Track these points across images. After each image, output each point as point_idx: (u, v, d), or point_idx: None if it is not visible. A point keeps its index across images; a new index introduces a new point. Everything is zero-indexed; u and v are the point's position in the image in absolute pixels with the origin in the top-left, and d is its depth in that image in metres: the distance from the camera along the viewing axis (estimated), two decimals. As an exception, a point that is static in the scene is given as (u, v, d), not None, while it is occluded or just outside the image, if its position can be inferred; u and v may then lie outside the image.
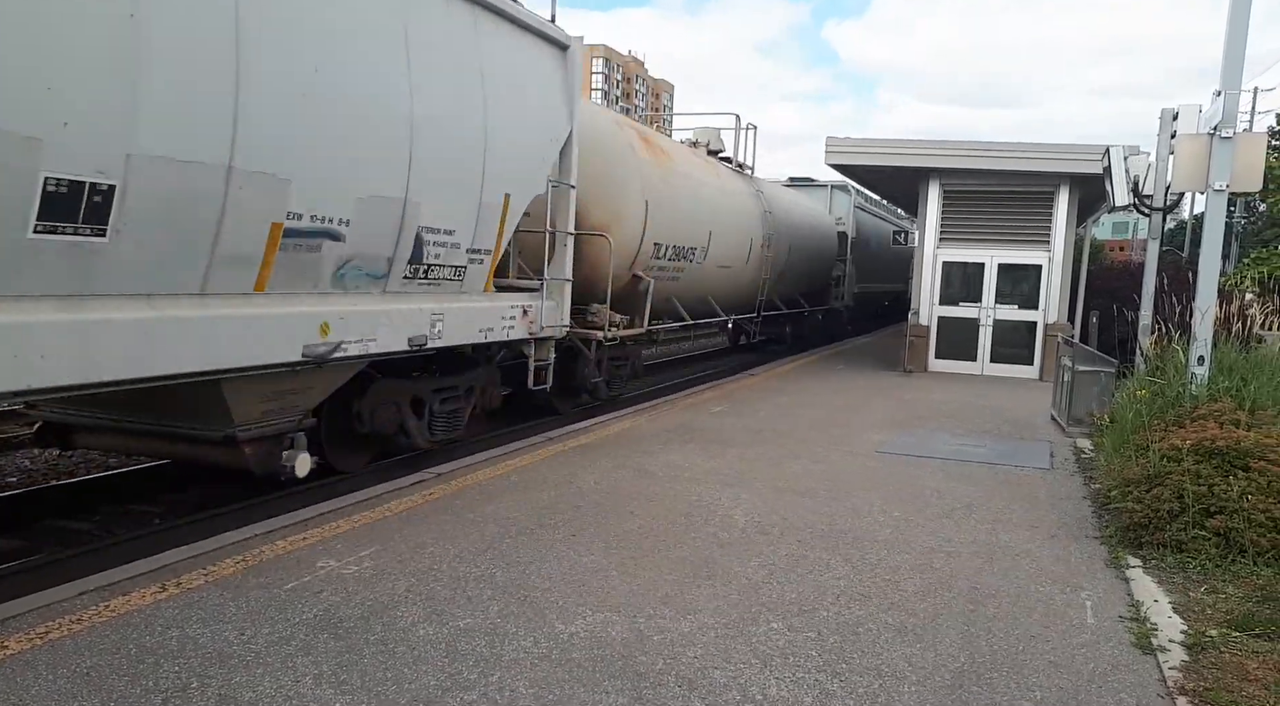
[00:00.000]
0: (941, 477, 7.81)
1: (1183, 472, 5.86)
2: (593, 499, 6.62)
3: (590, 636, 4.19)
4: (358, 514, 6.00)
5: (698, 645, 4.14)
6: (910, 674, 3.95)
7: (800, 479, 7.53)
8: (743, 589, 4.89)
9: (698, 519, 6.20)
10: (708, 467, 7.80)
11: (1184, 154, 8.15)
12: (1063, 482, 7.84)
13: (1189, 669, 4.08)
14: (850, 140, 16.15)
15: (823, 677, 3.88)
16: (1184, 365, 8.25)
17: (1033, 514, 6.72)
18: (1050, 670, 4.04)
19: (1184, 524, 5.65)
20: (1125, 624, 4.60)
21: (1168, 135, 10.91)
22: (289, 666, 3.78)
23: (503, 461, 7.75)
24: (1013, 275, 15.84)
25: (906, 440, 9.52)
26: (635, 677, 3.80)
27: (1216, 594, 5.04)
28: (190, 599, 4.44)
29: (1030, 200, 15.67)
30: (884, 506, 6.74)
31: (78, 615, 4.19)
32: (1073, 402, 10.59)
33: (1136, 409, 7.92)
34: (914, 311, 16.32)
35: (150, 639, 3.98)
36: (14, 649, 3.83)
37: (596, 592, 4.75)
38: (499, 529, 5.78)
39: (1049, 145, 15.11)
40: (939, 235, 16.12)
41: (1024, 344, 15.81)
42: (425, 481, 6.95)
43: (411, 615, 4.36)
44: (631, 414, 10.59)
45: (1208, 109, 8.69)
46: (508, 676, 3.77)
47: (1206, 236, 8.13)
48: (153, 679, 3.63)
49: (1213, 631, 4.48)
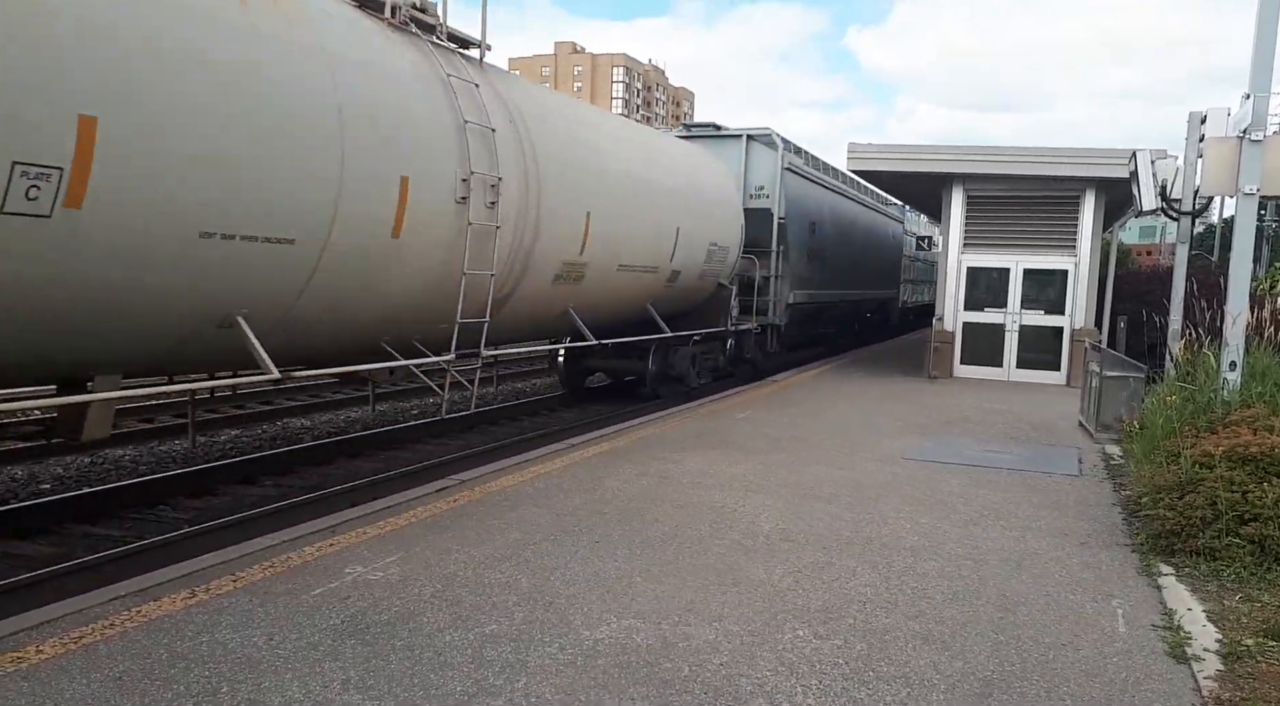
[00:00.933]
0: (968, 484, 7.74)
1: (1216, 479, 5.78)
2: (616, 505, 6.62)
3: (615, 643, 4.19)
4: (383, 520, 6.04)
5: (723, 652, 4.13)
6: (939, 682, 3.91)
7: (825, 485, 7.49)
8: (768, 596, 4.87)
9: (722, 525, 6.18)
10: (731, 473, 7.78)
11: (1213, 157, 8.06)
12: (1092, 489, 7.75)
13: (1224, 678, 4.01)
14: (873, 146, 16.08)
15: (850, 686, 3.86)
16: (1215, 370, 8.14)
17: (1062, 521, 6.64)
18: (1082, 679, 3.99)
19: (1217, 531, 5.56)
20: (1158, 632, 4.53)
21: (1196, 138, 10.78)
22: (317, 671, 3.81)
23: (526, 468, 7.77)
24: (1038, 280, 15.70)
25: (932, 446, 9.45)
26: (661, 685, 3.79)
27: (1252, 602, 4.96)
28: (220, 604, 4.49)
29: (1055, 205, 15.54)
30: (910, 513, 6.69)
31: (110, 620, 4.25)
32: (1101, 408, 10.46)
33: (1167, 414, 7.82)
34: (939, 317, 16.21)
35: (181, 644, 4.02)
36: (49, 653, 3.89)
37: (621, 599, 4.74)
38: (523, 535, 5.79)
39: (1074, 150, 14.99)
40: (963, 240, 16.01)
41: (1050, 349, 15.65)
42: (449, 488, 6.98)
43: (437, 621, 4.37)
44: (654, 420, 10.59)
45: (1236, 112, 8.58)
46: (534, 682, 3.77)
47: (1237, 240, 8.02)
48: (183, 683, 3.66)
49: (1248, 640, 4.41)
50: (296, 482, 9.03)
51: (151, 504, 7.95)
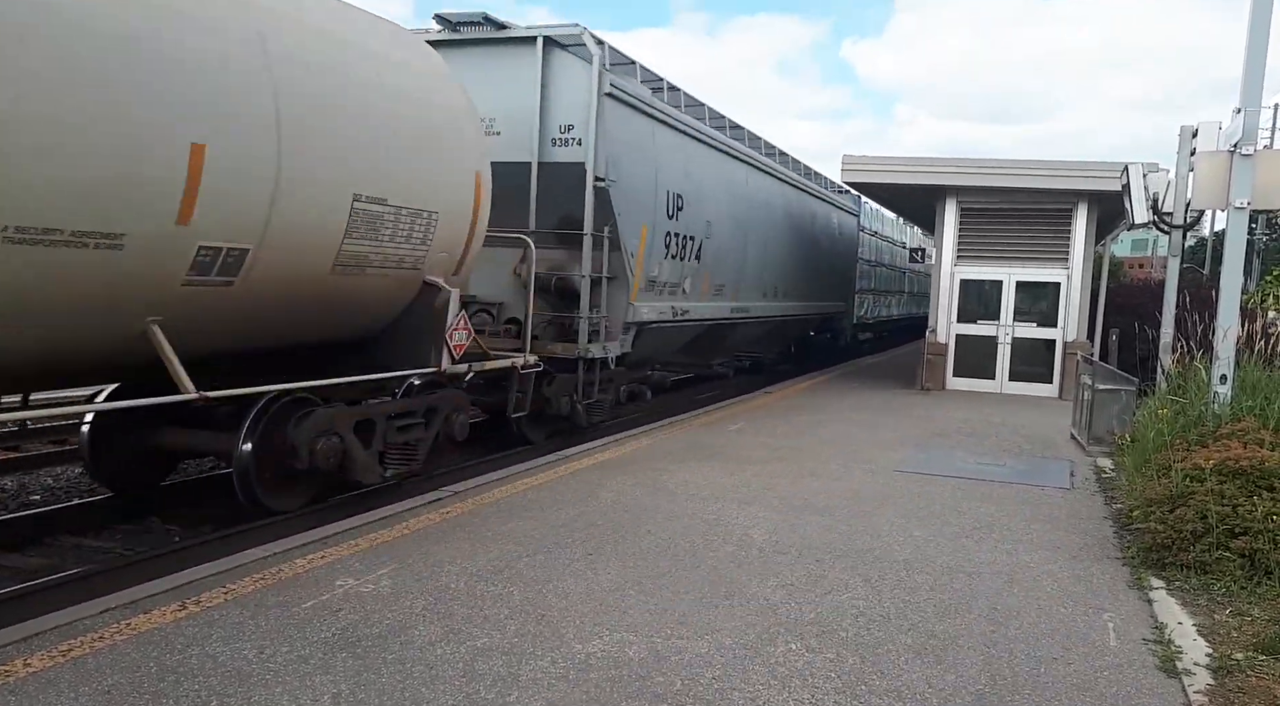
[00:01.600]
0: (961, 496, 7.75)
1: (1206, 493, 5.80)
2: (610, 517, 6.61)
3: (608, 656, 4.18)
4: (375, 532, 6.02)
5: (716, 665, 4.12)
6: (931, 696, 3.91)
7: (818, 497, 7.49)
8: (761, 609, 4.87)
9: (715, 537, 6.18)
10: (725, 485, 7.78)
11: (1204, 171, 8.11)
12: (1084, 502, 7.77)
13: (1214, 692, 4.02)
14: (867, 158, 16.16)
15: (842, 699, 3.85)
16: (1206, 384, 8.17)
17: (1053, 534, 6.66)
18: (1073, 693, 3.99)
19: (1208, 545, 5.58)
20: (1149, 646, 4.54)
21: (1187, 152, 10.84)
22: (307, 685, 3.79)
23: (519, 479, 7.76)
24: (1031, 293, 15.77)
25: (925, 458, 9.46)
26: (653, 699, 3.78)
27: (1242, 616, 4.97)
28: (210, 617, 4.47)
29: (1048, 217, 15.62)
30: (903, 525, 6.70)
31: (100, 632, 4.22)
32: (1093, 421, 10.50)
33: (1158, 428, 7.84)
34: (932, 329, 16.27)
35: (171, 657, 4.00)
36: (37, 666, 3.86)
37: (614, 612, 4.73)
38: (516, 547, 5.78)
39: (1067, 162, 15.08)
40: (956, 252, 16.09)
41: (1043, 362, 15.71)
42: (442, 500, 6.97)
43: (429, 634, 4.36)
44: (648, 431, 10.58)
45: (1228, 126, 8.63)
46: (525, 696, 3.76)
47: (1228, 254, 8.07)
48: (173, 697, 3.64)
49: (1238, 654, 4.42)
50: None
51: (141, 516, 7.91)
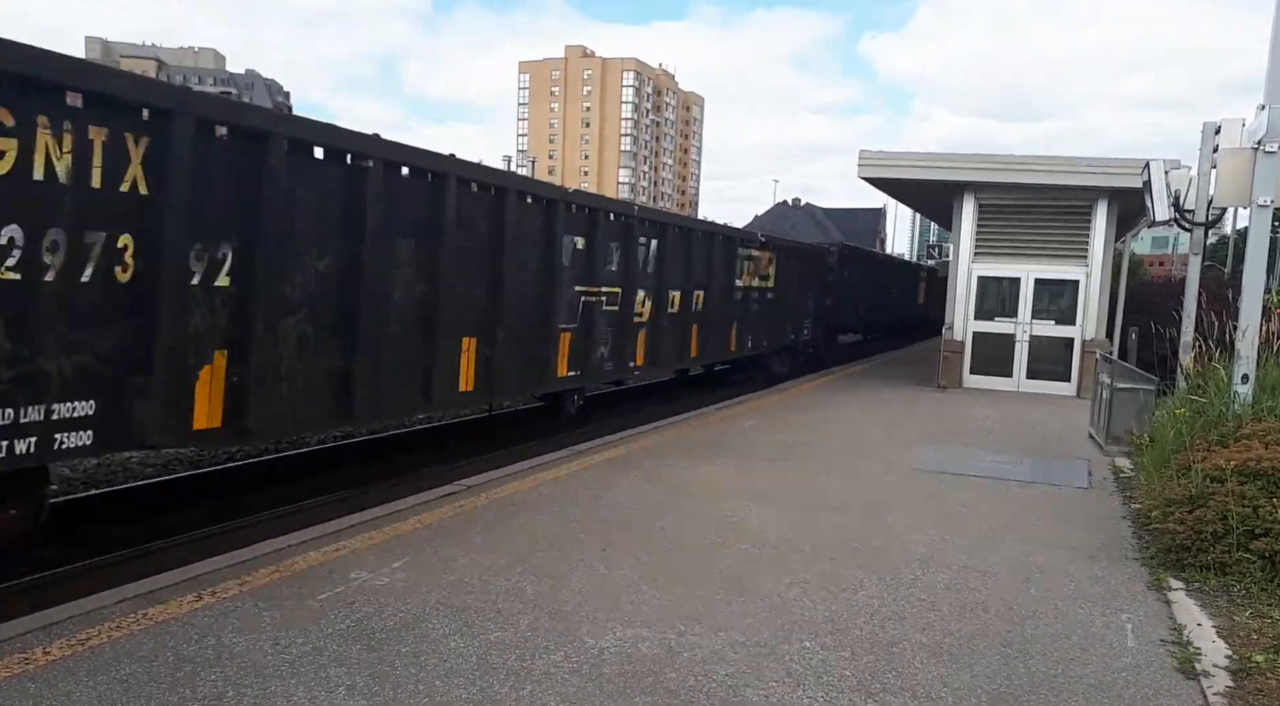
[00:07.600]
0: (977, 495, 7.70)
1: (1226, 494, 5.73)
2: (623, 512, 6.61)
3: (621, 652, 4.18)
4: (389, 525, 6.04)
5: (729, 662, 4.11)
6: (946, 695, 3.88)
7: (833, 495, 7.46)
8: (774, 606, 4.85)
9: (729, 534, 6.17)
10: (739, 482, 7.76)
11: (1227, 169, 8.02)
12: (1101, 502, 7.70)
13: (1233, 694, 3.98)
14: (883, 153, 16.05)
15: (857, 698, 3.83)
16: (1226, 383, 8.08)
17: (1071, 534, 6.60)
18: (1090, 693, 3.96)
19: (1228, 546, 5.52)
20: (1167, 648, 4.50)
21: (1210, 149, 10.71)
22: (322, 677, 3.81)
23: (532, 474, 7.77)
24: (1049, 290, 15.63)
25: (941, 456, 9.41)
26: (666, 695, 3.78)
27: (1262, 618, 4.92)
28: (226, 608, 4.49)
29: (1067, 214, 15.47)
30: (918, 524, 6.66)
31: (117, 622, 4.25)
32: (1111, 420, 10.40)
33: (1177, 428, 7.76)
34: (949, 326, 16.16)
35: (188, 647, 4.03)
36: (56, 655, 3.90)
37: (627, 607, 4.73)
38: (529, 542, 5.79)
39: (1087, 159, 14.91)
40: (974, 249, 15.96)
41: (1061, 360, 15.57)
42: (455, 494, 6.98)
43: (443, 627, 4.37)
44: (660, 427, 10.57)
45: (1251, 123, 8.52)
46: (539, 691, 3.76)
47: (1250, 252, 7.98)
48: (189, 687, 3.67)
49: (1258, 656, 4.37)
50: (303, 487, 9.04)
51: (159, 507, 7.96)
